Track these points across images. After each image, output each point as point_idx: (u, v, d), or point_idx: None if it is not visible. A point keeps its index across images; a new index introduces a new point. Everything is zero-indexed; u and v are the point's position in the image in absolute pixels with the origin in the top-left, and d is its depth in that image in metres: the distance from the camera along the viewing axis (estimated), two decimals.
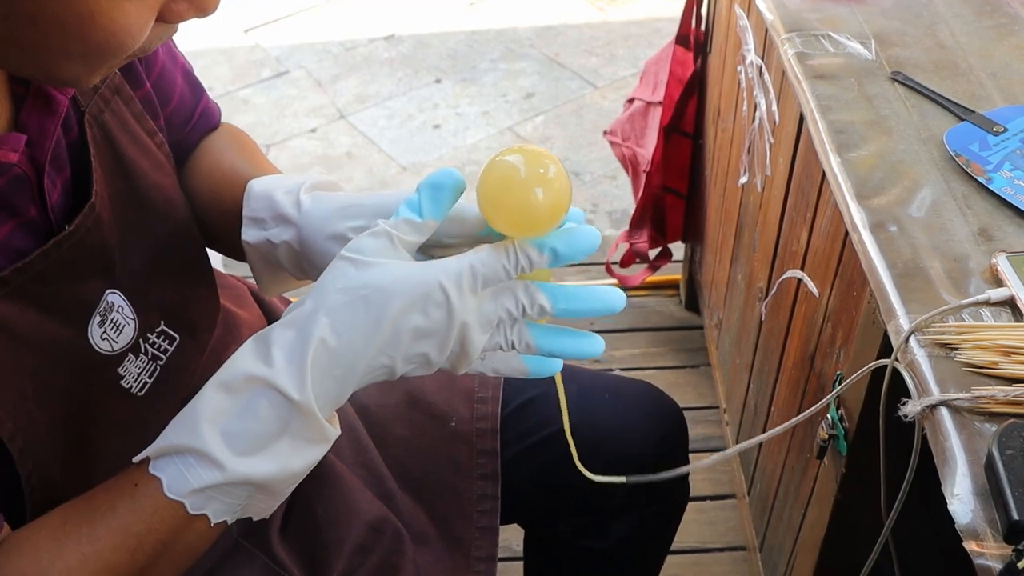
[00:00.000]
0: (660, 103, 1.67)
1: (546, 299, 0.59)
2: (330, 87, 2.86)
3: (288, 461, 0.57)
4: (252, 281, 0.94)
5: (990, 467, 0.61)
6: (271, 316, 0.90)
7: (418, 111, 2.73)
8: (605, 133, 1.87)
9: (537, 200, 0.57)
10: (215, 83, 2.87)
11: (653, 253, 1.86)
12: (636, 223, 1.82)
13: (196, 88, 0.82)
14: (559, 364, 0.64)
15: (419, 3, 3.25)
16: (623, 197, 2.37)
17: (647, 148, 1.72)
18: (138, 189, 0.69)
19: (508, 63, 2.92)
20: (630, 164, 1.80)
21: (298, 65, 2.96)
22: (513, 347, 0.60)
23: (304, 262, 0.68)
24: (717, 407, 1.68)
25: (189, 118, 0.81)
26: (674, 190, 1.79)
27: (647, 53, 2.94)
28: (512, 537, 1.49)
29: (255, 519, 0.61)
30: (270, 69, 2.95)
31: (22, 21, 0.49)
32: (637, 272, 1.93)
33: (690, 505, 1.06)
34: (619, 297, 0.60)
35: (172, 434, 0.57)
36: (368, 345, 0.56)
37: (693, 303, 1.94)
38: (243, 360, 0.56)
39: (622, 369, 1.87)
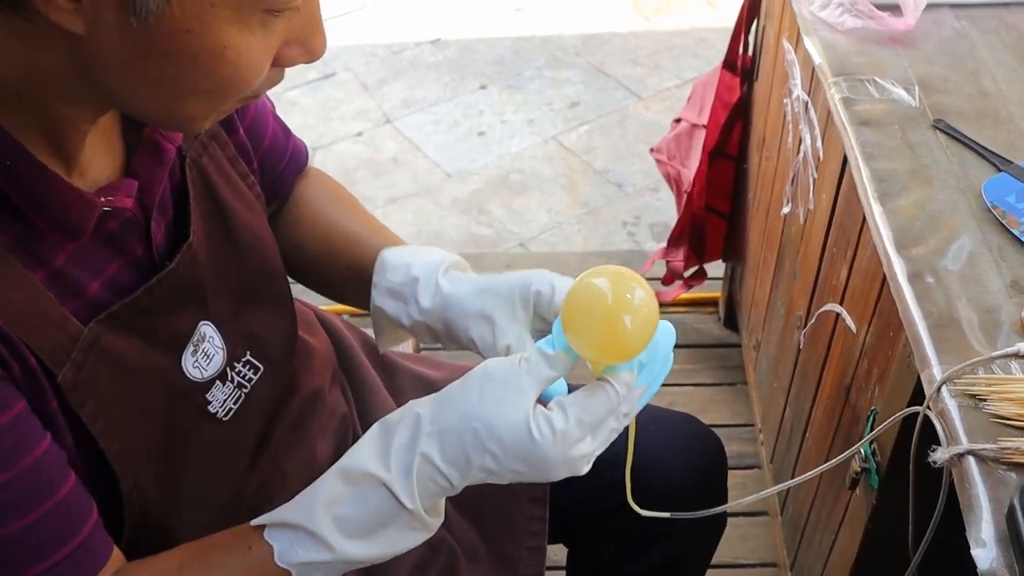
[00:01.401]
0: (705, 126, 1.71)
1: (638, 397, 0.66)
2: (376, 91, 2.91)
3: (391, 546, 0.65)
4: (317, 306, 0.99)
5: (1011, 517, 0.65)
6: (338, 343, 0.96)
7: (464, 117, 2.78)
8: (652, 151, 1.91)
9: (625, 328, 0.57)
10: None
11: (689, 272, 1.90)
12: (674, 241, 1.86)
13: (285, 128, 0.88)
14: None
15: (465, 7, 3.29)
16: (665, 210, 2.40)
17: (691, 168, 1.76)
18: (231, 228, 0.75)
19: (553, 71, 2.96)
20: (674, 183, 1.84)
21: (345, 67, 3.02)
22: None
23: (441, 336, 0.76)
24: (752, 425, 1.72)
25: (281, 157, 0.87)
26: (716, 210, 1.83)
27: (691, 64, 2.97)
28: (553, 548, 1.52)
29: None
30: (317, 71, 3.00)
31: (158, 56, 0.53)
32: (672, 288, 1.97)
33: None
34: (673, 335, 0.68)
35: (290, 513, 0.65)
36: (467, 471, 0.63)
37: (732, 321, 1.97)
38: (365, 456, 0.64)
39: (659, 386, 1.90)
